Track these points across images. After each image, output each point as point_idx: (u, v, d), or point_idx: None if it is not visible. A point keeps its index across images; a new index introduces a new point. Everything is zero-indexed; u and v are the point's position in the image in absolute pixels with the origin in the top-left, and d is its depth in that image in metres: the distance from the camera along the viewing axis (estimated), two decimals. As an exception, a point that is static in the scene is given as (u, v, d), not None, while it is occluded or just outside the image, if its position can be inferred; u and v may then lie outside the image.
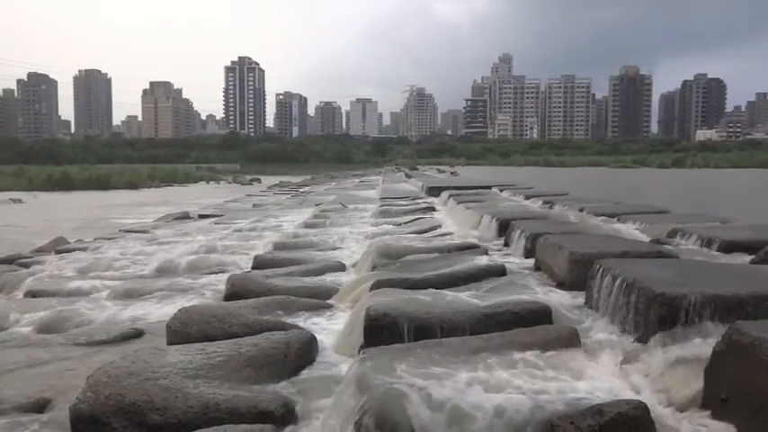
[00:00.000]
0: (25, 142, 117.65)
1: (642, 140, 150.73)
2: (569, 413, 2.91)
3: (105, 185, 46.88)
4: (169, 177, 58.48)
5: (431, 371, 3.41)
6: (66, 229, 17.22)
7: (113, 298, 7.27)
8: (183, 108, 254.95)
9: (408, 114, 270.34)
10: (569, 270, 5.56)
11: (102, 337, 5.59)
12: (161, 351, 4.27)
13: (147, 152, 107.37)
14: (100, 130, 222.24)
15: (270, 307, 5.58)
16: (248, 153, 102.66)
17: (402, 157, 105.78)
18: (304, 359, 4.34)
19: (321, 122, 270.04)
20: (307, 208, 18.34)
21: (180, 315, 5.23)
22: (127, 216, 22.98)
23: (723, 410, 3.06)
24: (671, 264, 5.07)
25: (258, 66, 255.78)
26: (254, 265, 8.47)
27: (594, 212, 10.62)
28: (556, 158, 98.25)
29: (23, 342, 5.57)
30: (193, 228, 14.75)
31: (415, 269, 6.49)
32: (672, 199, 16.90)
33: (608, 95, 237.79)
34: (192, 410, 3.48)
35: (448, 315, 4.41)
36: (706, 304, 3.67)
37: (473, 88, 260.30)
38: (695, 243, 7.16)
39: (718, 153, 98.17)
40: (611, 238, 7.09)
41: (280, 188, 38.24)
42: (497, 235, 9.09)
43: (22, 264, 9.81)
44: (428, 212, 13.82)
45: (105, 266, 9.76)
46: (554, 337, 3.96)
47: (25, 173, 50.44)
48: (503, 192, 18.51)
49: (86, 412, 3.55)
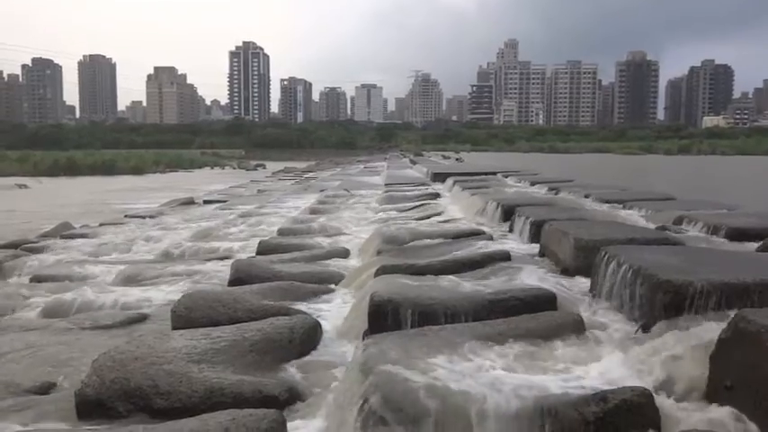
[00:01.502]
0: (30, 127, 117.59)
1: (648, 127, 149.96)
2: (573, 400, 2.90)
3: (110, 171, 46.83)
4: (174, 163, 58.40)
5: (435, 356, 3.40)
6: (71, 214, 17.24)
7: (118, 283, 7.30)
8: (187, 93, 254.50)
9: (413, 100, 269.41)
10: (574, 256, 5.54)
11: (107, 321, 5.61)
12: (165, 336, 4.28)
13: (151, 137, 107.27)
14: (105, 116, 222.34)
15: (274, 292, 5.58)
16: (253, 139, 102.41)
17: (407, 143, 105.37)
18: (308, 344, 4.35)
19: (326, 108, 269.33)
20: (311, 194, 18.33)
21: (184, 300, 5.24)
22: (132, 201, 23.00)
23: (728, 398, 3.04)
24: (677, 251, 5.04)
25: (263, 51, 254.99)
26: (258, 251, 8.47)
27: (600, 199, 10.58)
28: (561, 145, 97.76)
29: (29, 326, 5.60)
30: (198, 213, 14.79)
31: (420, 255, 6.48)
32: (678, 185, 16.83)
33: (614, 81, 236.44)
34: (196, 395, 3.49)
35: (452, 301, 4.41)
36: (712, 292, 3.65)
37: (479, 74, 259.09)
38: (701, 230, 7.13)
39: (725, 140, 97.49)
40: (616, 225, 7.06)
41: (284, 174, 38.22)
42: (502, 221, 9.07)
43: (28, 249, 9.85)
44: (433, 198, 13.80)
45: (110, 251, 9.80)
46: (558, 323, 3.95)
47: (30, 158, 50.35)
48: (508, 178, 18.46)
49: (91, 396, 3.57)
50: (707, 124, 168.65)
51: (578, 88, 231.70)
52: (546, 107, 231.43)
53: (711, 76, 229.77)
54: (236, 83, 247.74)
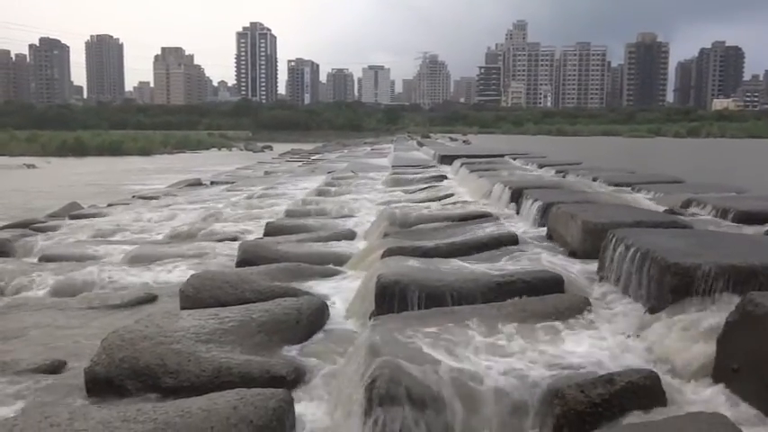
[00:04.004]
0: (38, 108, 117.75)
1: (658, 109, 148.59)
2: (580, 382, 2.91)
3: (118, 151, 46.97)
4: (181, 144, 58.45)
5: (441, 338, 3.42)
6: (79, 194, 17.31)
7: (126, 263, 7.33)
8: (194, 74, 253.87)
9: (421, 82, 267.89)
10: (582, 239, 5.53)
11: (116, 301, 5.65)
12: (174, 316, 4.30)
13: (159, 118, 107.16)
14: (112, 96, 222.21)
15: (281, 273, 5.60)
16: (260, 120, 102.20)
17: (414, 125, 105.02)
18: (315, 325, 4.37)
19: (333, 90, 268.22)
20: (318, 176, 18.33)
21: (193, 280, 5.26)
22: (140, 182, 23.07)
23: (734, 381, 3.05)
24: (685, 234, 5.02)
25: (270, 32, 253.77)
26: (265, 232, 8.50)
27: (608, 182, 10.54)
28: (569, 127, 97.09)
29: (38, 306, 5.65)
30: (205, 194, 14.82)
31: (427, 237, 6.48)
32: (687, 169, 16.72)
33: (624, 63, 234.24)
34: (204, 374, 3.52)
35: (459, 283, 4.41)
36: (720, 275, 3.63)
37: (487, 55, 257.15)
38: (710, 213, 7.10)
39: (735, 123, 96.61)
40: (624, 208, 7.03)
41: (291, 156, 38.20)
42: (509, 204, 9.04)
43: (37, 228, 9.89)
44: (440, 181, 13.77)
45: (118, 232, 9.84)
46: (566, 306, 3.95)
47: (38, 138, 50.51)
48: (515, 160, 18.39)
49: (101, 374, 3.61)
50: (716, 107, 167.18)
51: (587, 70, 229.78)
52: (554, 89, 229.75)
53: (722, 58, 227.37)
54: (244, 64, 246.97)
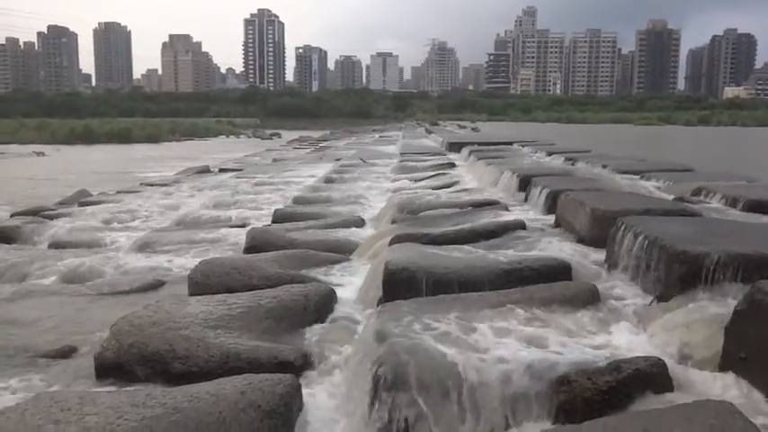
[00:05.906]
0: (47, 95, 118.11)
1: (668, 97, 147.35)
2: (587, 369, 2.91)
3: (127, 139, 47.04)
4: (189, 131, 58.44)
5: (448, 325, 3.42)
6: (88, 181, 17.38)
7: (135, 249, 7.37)
8: (202, 62, 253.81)
9: (429, 69, 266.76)
10: (591, 227, 5.51)
11: (125, 287, 5.68)
12: (183, 302, 4.33)
13: (167, 106, 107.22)
14: (120, 84, 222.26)
15: (289, 260, 5.62)
16: (268, 107, 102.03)
17: (423, 113, 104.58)
18: (323, 311, 4.38)
19: (341, 77, 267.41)
20: (326, 163, 18.32)
21: (201, 267, 5.29)
22: (148, 169, 23.12)
23: (742, 369, 3.04)
24: (694, 222, 5.00)
25: (278, 19, 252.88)
26: (273, 219, 8.52)
27: (618, 170, 10.50)
28: (579, 115, 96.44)
29: (48, 292, 5.68)
30: (214, 182, 14.83)
31: (435, 224, 6.48)
32: (697, 157, 16.61)
33: (634, 50, 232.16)
34: (213, 360, 3.54)
35: (466, 270, 4.41)
36: (728, 263, 3.62)
37: (496, 42, 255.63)
38: (720, 201, 7.06)
39: (746, 111, 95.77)
40: (633, 196, 7.01)
41: (299, 143, 38.15)
42: (518, 191, 9.03)
43: (46, 216, 9.94)
44: (448, 168, 13.75)
45: (127, 219, 9.89)
46: (573, 293, 3.95)
47: (47, 126, 50.67)
48: (524, 148, 18.33)
49: (110, 360, 3.64)
50: (728, 95, 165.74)
51: (597, 57, 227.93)
52: (564, 77, 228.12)
53: (734, 45, 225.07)
54: (251, 51, 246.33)
